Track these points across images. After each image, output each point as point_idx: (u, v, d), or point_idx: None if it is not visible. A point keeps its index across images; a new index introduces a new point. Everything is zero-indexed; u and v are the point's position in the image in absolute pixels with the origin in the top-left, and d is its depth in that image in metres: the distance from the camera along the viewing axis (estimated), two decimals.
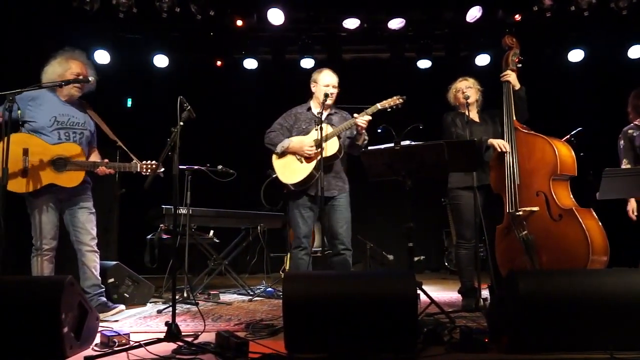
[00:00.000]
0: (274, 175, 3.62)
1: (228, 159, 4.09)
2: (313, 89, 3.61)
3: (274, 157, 3.57)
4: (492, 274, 3.55)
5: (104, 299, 3.41)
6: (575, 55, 5.85)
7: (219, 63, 6.21)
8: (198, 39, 5.84)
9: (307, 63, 6.00)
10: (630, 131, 3.79)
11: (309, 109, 3.62)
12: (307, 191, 3.46)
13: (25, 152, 3.17)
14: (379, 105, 3.38)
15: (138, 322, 3.26)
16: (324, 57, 6.05)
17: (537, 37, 5.58)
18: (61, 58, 3.41)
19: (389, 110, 3.38)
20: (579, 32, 5.66)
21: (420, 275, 6.09)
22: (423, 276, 6.18)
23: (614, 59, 5.82)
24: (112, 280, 3.77)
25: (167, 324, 2.48)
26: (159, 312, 3.60)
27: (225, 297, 4.37)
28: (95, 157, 3.52)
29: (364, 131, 3.41)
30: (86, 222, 3.39)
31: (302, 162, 3.47)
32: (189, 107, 2.76)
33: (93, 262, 3.40)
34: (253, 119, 6.44)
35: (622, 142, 3.83)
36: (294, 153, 3.49)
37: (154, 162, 3.40)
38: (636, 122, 3.77)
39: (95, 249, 3.42)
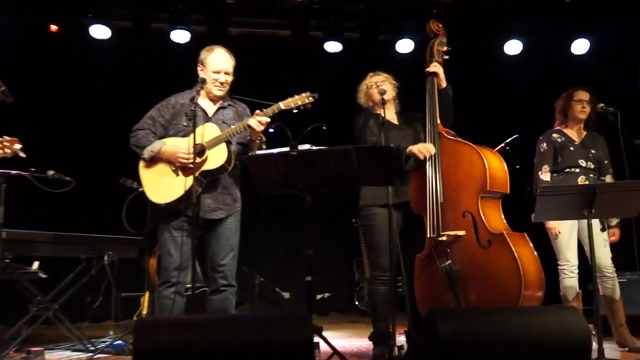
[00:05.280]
0: (139, 189, 3.51)
1: (65, 162, 3.90)
2: (200, 73, 3.50)
3: (141, 164, 3.46)
4: (410, 315, 3.71)
5: None
6: (513, 47, 6.38)
7: (53, 28, 5.95)
8: None
9: (180, 36, 5.94)
10: (555, 135, 4.23)
11: (193, 98, 3.49)
12: (184, 210, 3.37)
13: None
14: (282, 105, 3.38)
15: None
16: (204, 30, 6.04)
17: (469, 23, 6.02)
18: None
19: (295, 111, 3.38)
20: (517, 20, 6.18)
21: (323, 318, 6.25)
22: (327, 319, 6.34)
23: (556, 54, 6.45)
24: None
25: None
26: None
27: (53, 356, 4.18)
28: None
29: (260, 136, 3.41)
30: None
31: (177, 174, 3.40)
32: (3, 88, 2.62)
33: None
34: (103, 108, 6.28)
35: (544, 144, 4.26)
36: (167, 161, 3.42)
37: (6, 137, 3.16)
38: (560, 127, 4.24)
39: None
